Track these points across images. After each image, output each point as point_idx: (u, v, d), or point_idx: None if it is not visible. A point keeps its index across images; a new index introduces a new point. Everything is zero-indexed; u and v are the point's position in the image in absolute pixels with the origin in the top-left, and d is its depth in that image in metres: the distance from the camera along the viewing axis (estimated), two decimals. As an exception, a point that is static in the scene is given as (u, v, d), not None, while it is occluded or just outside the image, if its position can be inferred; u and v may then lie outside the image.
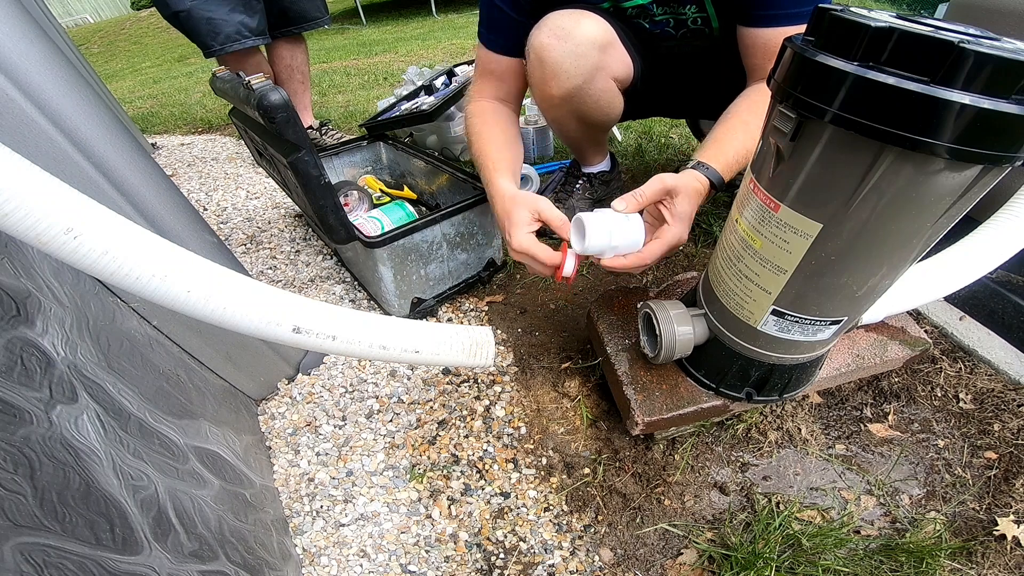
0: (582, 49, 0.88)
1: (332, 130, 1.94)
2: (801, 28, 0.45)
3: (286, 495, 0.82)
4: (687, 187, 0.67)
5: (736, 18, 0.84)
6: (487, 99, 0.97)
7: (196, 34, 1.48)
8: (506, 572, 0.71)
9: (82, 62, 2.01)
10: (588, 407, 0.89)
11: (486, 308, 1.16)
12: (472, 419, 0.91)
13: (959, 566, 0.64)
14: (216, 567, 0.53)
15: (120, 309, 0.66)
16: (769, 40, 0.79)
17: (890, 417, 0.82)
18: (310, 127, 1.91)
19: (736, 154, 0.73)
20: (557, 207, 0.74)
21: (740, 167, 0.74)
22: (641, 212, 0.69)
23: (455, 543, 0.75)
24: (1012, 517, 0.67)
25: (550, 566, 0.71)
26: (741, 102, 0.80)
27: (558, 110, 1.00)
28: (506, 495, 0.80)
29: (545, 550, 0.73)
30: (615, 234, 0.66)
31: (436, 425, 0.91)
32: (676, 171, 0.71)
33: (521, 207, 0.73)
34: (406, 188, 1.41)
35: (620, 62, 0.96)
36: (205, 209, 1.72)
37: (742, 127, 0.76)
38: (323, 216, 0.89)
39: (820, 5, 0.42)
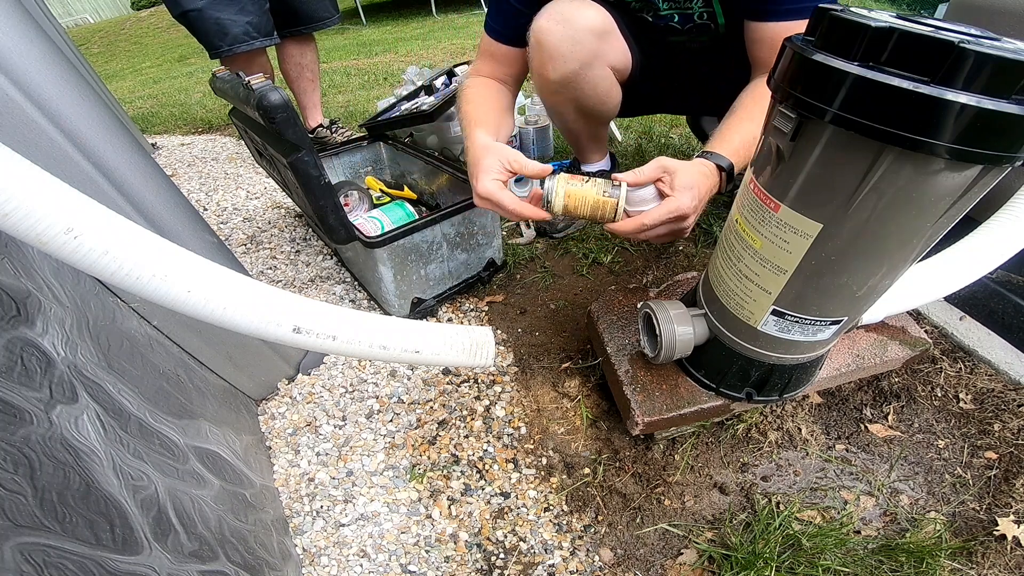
0: (580, 35, 0.89)
1: (342, 128, 1.95)
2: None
3: (286, 495, 0.82)
4: (686, 166, 0.68)
5: (743, 13, 0.84)
6: (482, 76, 1.00)
7: (204, 34, 1.46)
8: (506, 572, 0.71)
9: (82, 62, 2.01)
10: (588, 407, 0.89)
11: (486, 308, 1.16)
12: (472, 419, 0.91)
13: (959, 566, 0.64)
14: (216, 567, 0.53)
15: (120, 309, 0.66)
16: (776, 34, 0.79)
17: (890, 417, 0.82)
18: (320, 125, 1.91)
19: (743, 142, 0.74)
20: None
21: (749, 155, 0.74)
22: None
23: (455, 543, 0.75)
24: (1012, 517, 0.67)
25: (550, 566, 0.71)
26: (745, 96, 0.80)
27: (556, 96, 1.02)
28: (506, 495, 0.80)
29: (545, 550, 0.73)
30: (631, 192, 0.68)
31: (436, 425, 0.91)
32: None
33: (492, 155, 0.73)
34: (406, 188, 1.41)
35: (618, 52, 0.97)
36: (205, 209, 1.72)
37: (747, 118, 0.76)
38: (323, 216, 0.89)
39: (820, 5, 0.42)
